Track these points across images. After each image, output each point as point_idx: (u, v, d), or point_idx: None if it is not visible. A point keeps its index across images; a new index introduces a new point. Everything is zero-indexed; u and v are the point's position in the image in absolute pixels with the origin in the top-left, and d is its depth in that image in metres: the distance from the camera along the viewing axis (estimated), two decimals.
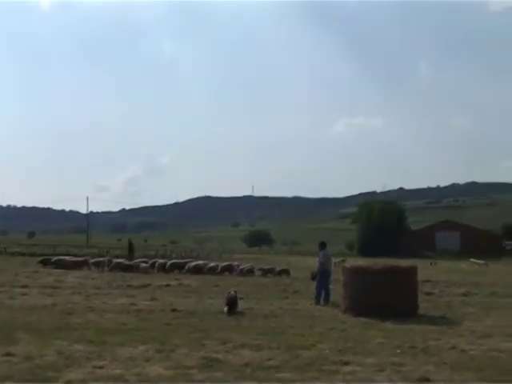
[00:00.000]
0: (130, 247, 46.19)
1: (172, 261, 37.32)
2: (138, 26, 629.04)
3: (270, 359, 9.43)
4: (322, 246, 19.89)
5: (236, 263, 37.07)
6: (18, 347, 9.92)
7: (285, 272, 34.05)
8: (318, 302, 18.62)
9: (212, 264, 35.51)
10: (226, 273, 33.54)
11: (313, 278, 20.28)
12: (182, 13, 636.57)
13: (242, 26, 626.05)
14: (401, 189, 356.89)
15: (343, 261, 44.49)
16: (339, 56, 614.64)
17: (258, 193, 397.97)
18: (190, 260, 39.03)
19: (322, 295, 18.83)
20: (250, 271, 33.97)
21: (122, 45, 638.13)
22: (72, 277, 26.93)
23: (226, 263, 36.97)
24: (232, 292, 16.79)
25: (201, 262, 36.99)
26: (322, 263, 19.39)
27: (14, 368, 8.47)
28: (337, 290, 18.85)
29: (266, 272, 33.97)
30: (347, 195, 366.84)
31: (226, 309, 15.76)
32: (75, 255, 46.71)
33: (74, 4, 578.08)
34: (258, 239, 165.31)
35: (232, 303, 15.95)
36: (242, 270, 33.95)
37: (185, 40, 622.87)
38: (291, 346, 10.66)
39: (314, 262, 24.57)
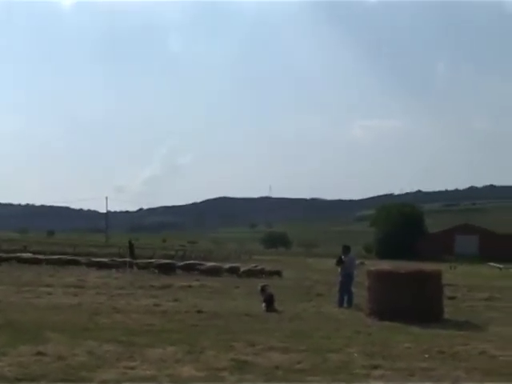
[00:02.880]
0: (131, 248, 46.54)
1: (191, 261, 37.57)
2: (161, 24, 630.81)
3: (299, 362, 9.44)
4: (347, 250, 19.78)
5: (254, 265, 37.06)
6: (48, 346, 9.97)
7: (276, 273, 33.79)
8: (341, 304, 18.58)
9: (230, 265, 35.66)
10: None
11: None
12: (204, 11, 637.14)
13: (257, 25, 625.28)
14: (418, 191, 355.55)
15: (362, 263, 44.29)
16: (355, 57, 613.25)
17: (275, 194, 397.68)
18: (208, 261, 39.20)
19: (345, 298, 18.81)
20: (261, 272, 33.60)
21: (141, 42, 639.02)
22: (95, 276, 27.12)
23: (252, 265, 36.93)
24: (268, 290, 17.20)
25: (218, 263, 37.12)
26: (346, 267, 19.32)
27: (46, 368, 8.50)
28: (359, 293, 18.86)
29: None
30: (364, 197, 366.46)
31: (263, 305, 16.05)
32: (95, 255, 47.09)
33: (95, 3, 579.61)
34: (275, 241, 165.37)
35: (269, 300, 16.26)
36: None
37: (206, 39, 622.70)
38: (319, 349, 10.66)
39: (331, 264, 24.34)
